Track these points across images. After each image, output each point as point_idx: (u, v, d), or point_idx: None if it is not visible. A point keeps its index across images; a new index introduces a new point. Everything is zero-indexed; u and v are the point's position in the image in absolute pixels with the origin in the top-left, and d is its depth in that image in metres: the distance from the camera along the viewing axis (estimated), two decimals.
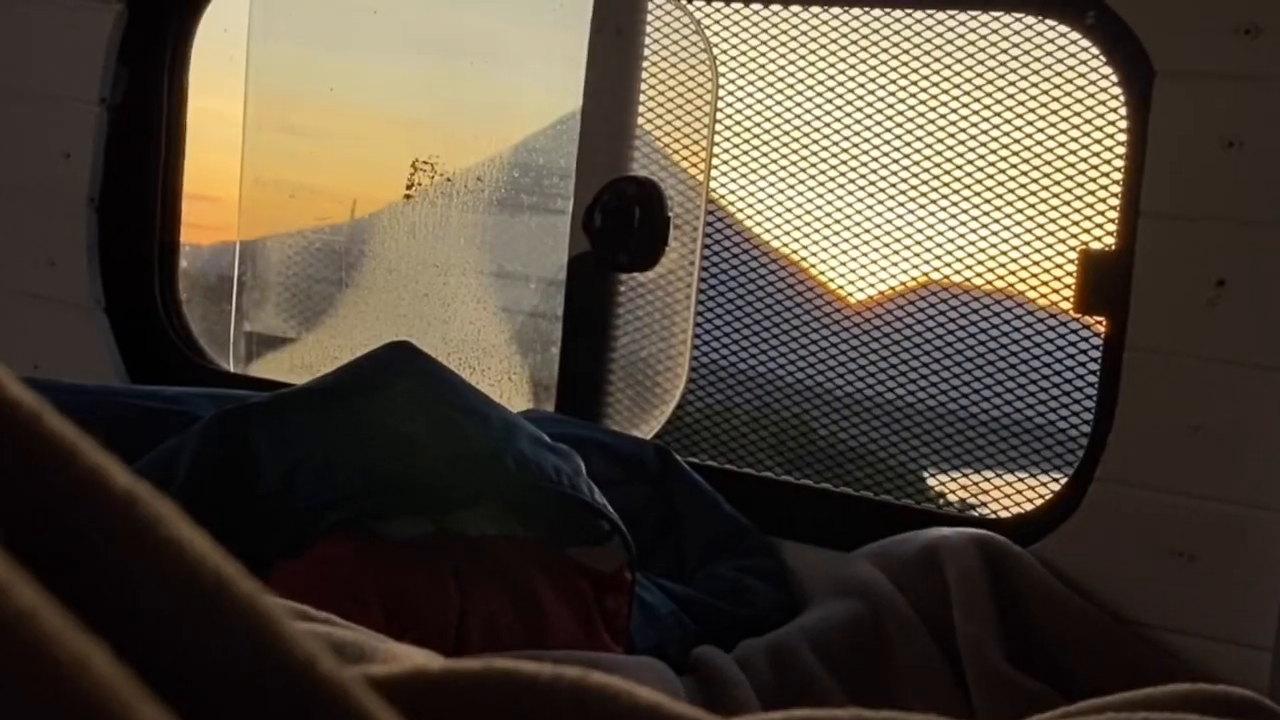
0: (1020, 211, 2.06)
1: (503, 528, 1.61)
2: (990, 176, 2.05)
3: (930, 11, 2.03)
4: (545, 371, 2.30)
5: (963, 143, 2.07)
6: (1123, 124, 1.88)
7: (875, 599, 1.85)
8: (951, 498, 2.23)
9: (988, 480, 2.11)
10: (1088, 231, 1.96)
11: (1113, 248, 1.87)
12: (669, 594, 1.91)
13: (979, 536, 1.86)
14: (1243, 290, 1.76)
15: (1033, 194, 2.01)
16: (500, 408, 1.70)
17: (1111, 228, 1.89)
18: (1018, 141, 2.01)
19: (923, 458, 2.15)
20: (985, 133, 2.03)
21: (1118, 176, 1.88)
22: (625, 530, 1.68)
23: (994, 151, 2.04)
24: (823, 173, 2.15)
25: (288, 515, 1.51)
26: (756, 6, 2.14)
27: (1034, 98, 2.00)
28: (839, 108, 2.16)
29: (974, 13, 1.99)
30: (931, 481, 2.23)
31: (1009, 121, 2.02)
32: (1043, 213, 2.01)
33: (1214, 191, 1.77)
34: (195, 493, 1.52)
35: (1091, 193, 1.96)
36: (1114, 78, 1.88)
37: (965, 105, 2.05)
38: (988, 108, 2.04)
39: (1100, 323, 1.90)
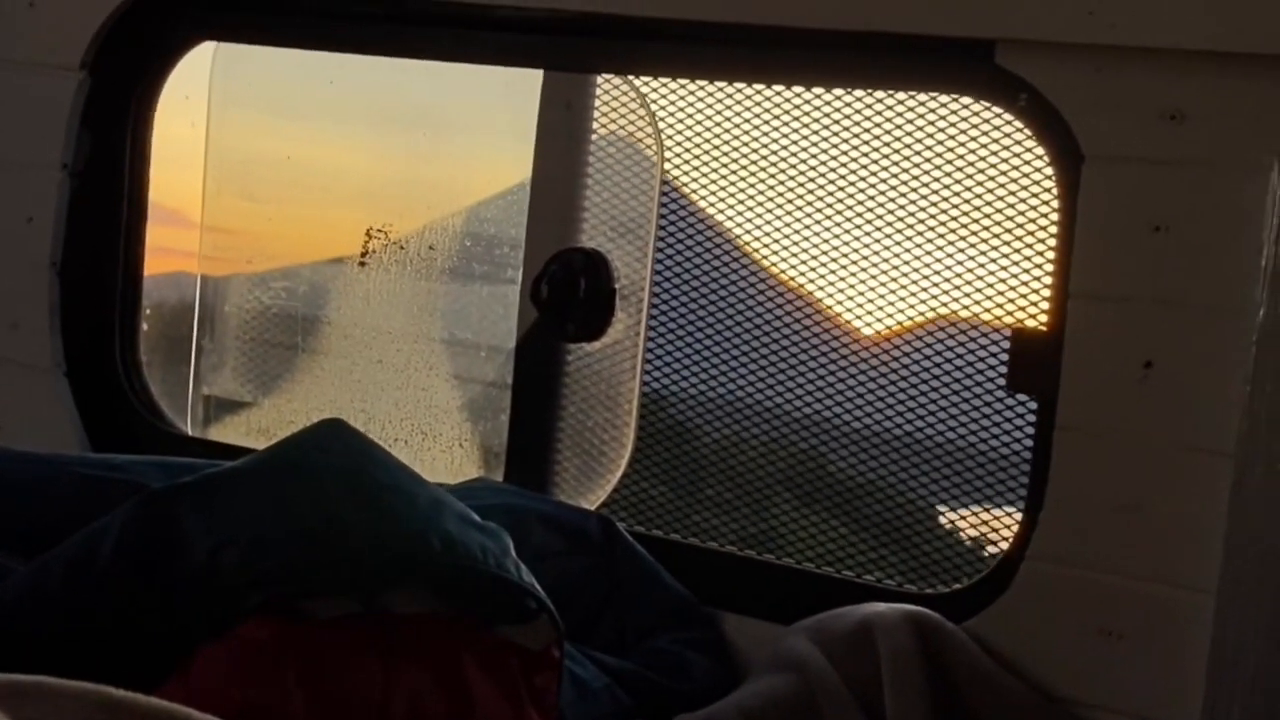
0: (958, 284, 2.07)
1: (429, 606, 1.61)
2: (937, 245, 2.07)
3: (870, 91, 2.04)
4: (496, 439, 2.31)
5: (908, 210, 2.09)
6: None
7: (810, 674, 1.85)
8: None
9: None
10: (1035, 305, 1.96)
11: (1045, 327, 1.88)
12: (605, 668, 1.91)
13: (913, 613, 1.86)
14: (1170, 371, 1.76)
15: (968, 270, 2.02)
16: (429, 486, 1.70)
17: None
18: (956, 208, 2.03)
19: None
20: (929, 205, 2.05)
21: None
22: (553, 608, 1.68)
23: (938, 221, 2.06)
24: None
25: (212, 596, 1.51)
26: (702, 83, 2.16)
27: (974, 175, 2.01)
28: (791, 177, 2.18)
29: (911, 93, 2.01)
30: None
31: (951, 195, 2.03)
32: (980, 289, 2.03)
33: (1142, 274, 1.77)
34: (119, 575, 1.52)
35: (1026, 270, 1.97)
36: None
37: (907, 183, 2.07)
38: (927, 185, 2.05)
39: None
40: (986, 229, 2.02)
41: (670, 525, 2.25)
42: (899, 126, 2.05)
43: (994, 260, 2.00)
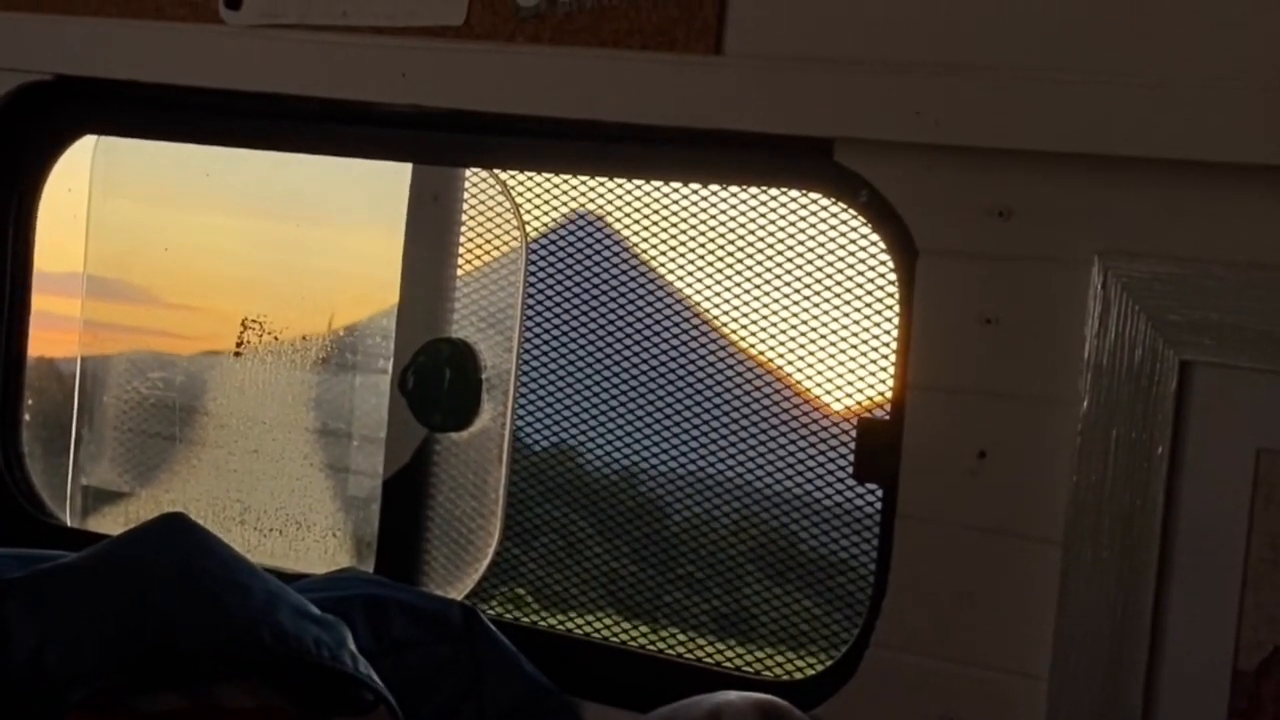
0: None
1: (260, 700, 1.63)
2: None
3: (722, 186, 2.11)
4: (368, 528, 2.34)
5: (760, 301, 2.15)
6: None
7: None
8: None
9: None
10: (872, 400, 2.01)
11: (887, 418, 1.93)
12: None
13: (762, 701, 1.89)
14: (1003, 461, 1.81)
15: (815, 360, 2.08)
16: (266, 579, 1.73)
17: None
18: (802, 307, 2.08)
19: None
20: (774, 299, 2.11)
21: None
22: (391, 699, 1.70)
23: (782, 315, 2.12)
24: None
25: (35, 694, 1.53)
26: (566, 176, 2.22)
27: (821, 269, 2.07)
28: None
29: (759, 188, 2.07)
30: None
31: (797, 289, 2.09)
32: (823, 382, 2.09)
33: (973, 366, 1.82)
34: None
35: (874, 361, 2.02)
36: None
37: (760, 276, 2.13)
38: (779, 277, 2.11)
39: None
40: (837, 320, 2.08)
41: (544, 609, 2.28)
42: (752, 219, 2.12)
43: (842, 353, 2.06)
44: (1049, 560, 1.76)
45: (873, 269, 2.02)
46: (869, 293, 2.03)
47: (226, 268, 2.48)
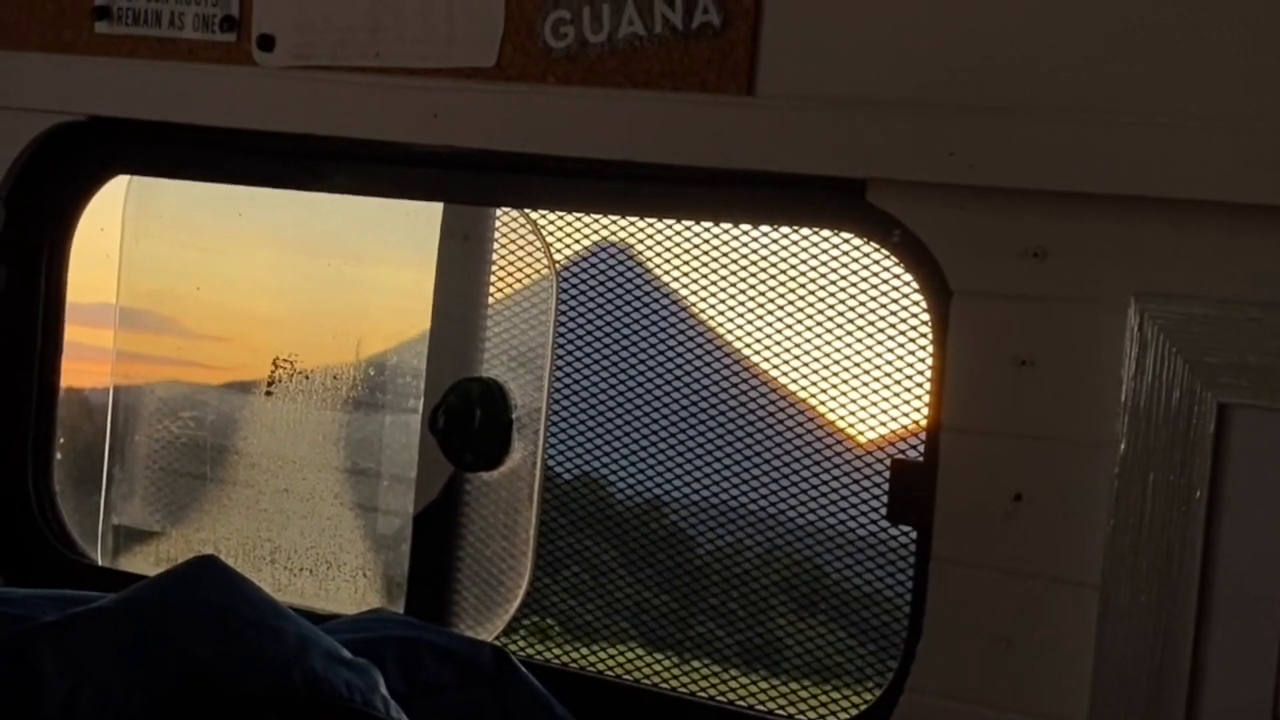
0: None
1: None
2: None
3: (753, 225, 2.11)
4: (398, 568, 2.34)
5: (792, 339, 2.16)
6: None
7: None
8: None
9: None
10: (904, 441, 2.01)
11: (921, 459, 1.93)
12: None
13: None
14: (1039, 504, 1.80)
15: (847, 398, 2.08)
16: (298, 622, 1.73)
17: None
18: (832, 344, 2.09)
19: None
20: (805, 336, 2.12)
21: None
22: None
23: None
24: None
25: None
26: (597, 216, 2.23)
27: (853, 307, 2.07)
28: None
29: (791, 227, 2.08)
30: None
31: (829, 327, 2.10)
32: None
33: (1008, 408, 1.82)
34: None
35: (907, 402, 2.02)
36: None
37: (792, 314, 2.13)
38: (811, 315, 2.11)
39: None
40: (871, 360, 2.09)
41: (571, 651, 2.28)
42: (784, 257, 2.12)
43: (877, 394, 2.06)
44: (1086, 604, 1.75)
45: (905, 309, 2.02)
46: (901, 332, 2.03)
47: (258, 307, 2.49)
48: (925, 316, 1.93)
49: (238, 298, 2.52)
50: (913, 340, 2.01)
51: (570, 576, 2.42)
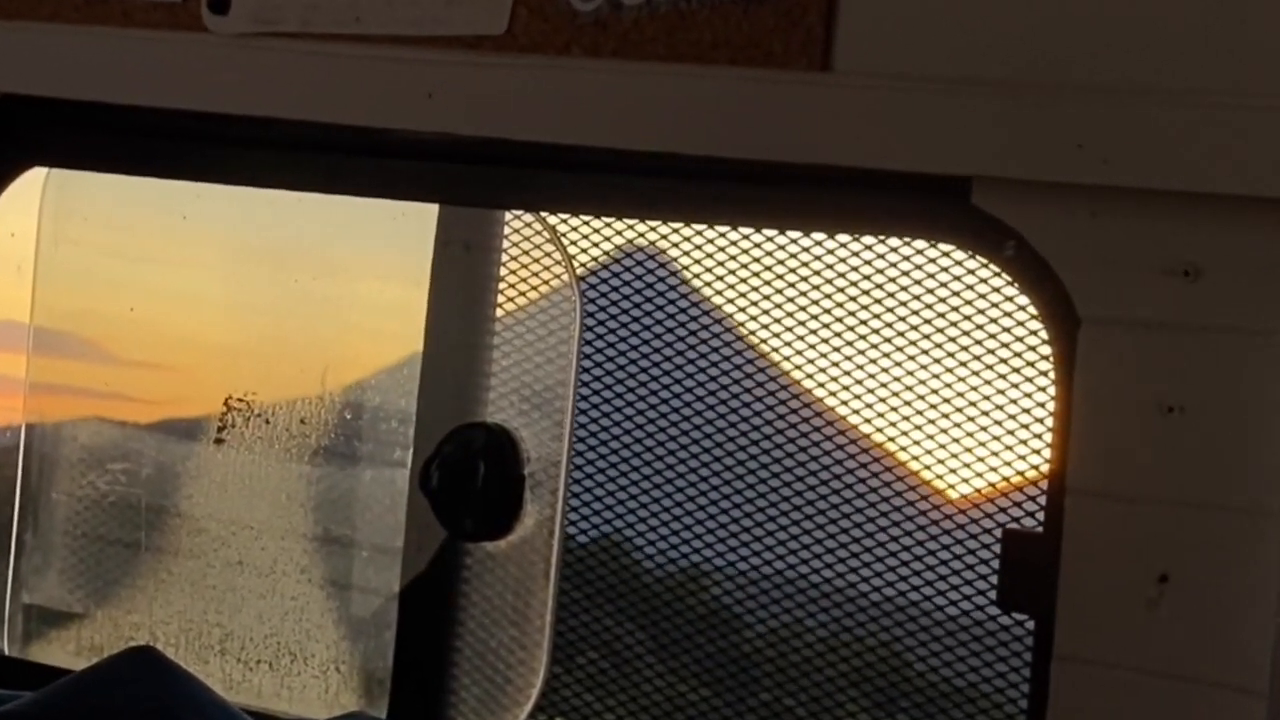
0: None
1: None
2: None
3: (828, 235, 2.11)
4: (379, 662, 2.34)
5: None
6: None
7: None
8: None
9: None
10: (1019, 507, 2.00)
11: (1040, 529, 1.91)
12: None
13: None
14: (1190, 588, 1.78)
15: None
16: None
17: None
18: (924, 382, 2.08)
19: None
20: (890, 372, 2.11)
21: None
22: None
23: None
24: None
25: None
26: (631, 221, 2.23)
27: (953, 337, 2.06)
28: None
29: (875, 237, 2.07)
30: None
31: (921, 362, 2.09)
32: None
33: (1152, 466, 1.80)
34: None
35: (1022, 457, 2.01)
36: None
37: (874, 343, 2.13)
38: (898, 347, 2.10)
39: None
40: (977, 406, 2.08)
41: None
42: (866, 274, 2.12)
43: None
44: (1248, 715, 1.73)
45: (1020, 340, 2.01)
46: (1015, 370, 2.02)
47: (207, 331, 2.50)
48: (1046, 350, 1.91)
49: (181, 319, 2.53)
50: (1029, 380, 2.00)
51: (592, 667, 2.41)
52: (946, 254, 2.05)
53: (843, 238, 2.11)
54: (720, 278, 2.22)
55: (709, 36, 1.96)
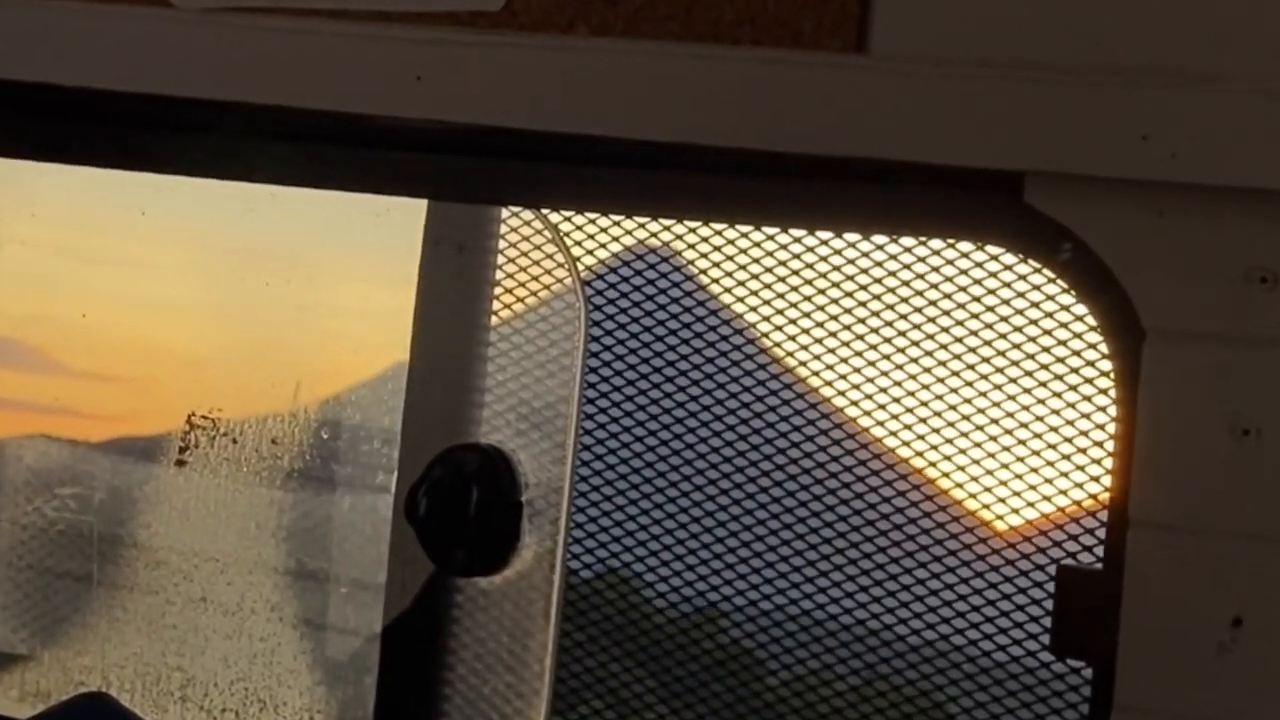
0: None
1: None
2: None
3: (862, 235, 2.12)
4: (358, 711, 2.34)
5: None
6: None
7: None
8: None
9: None
10: (1075, 540, 2.01)
11: (1099, 566, 1.92)
12: None
13: None
14: (1267, 633, 1.79)
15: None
16: None
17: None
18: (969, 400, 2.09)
19: None
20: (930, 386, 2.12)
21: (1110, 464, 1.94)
22: None
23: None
24: None
25: None
26: (643, 220, 2.24)
27: (1002, 350, 2.08)
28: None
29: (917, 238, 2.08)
30: None
31: (966, 375, 2.10)
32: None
33: (1224, 494, 1.81)
34: None
35: (1078, 484, 2.02)
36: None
37: (912, 355, 2.14)
38: (940, 360, 2.11)
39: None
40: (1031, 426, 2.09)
41: None
42: (903, 278, 2.13)
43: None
44: None
45: (1076, 354, 2.01)
46: (1072, 387, 2.03)
47: (168, 340, 2.50)
48: (1105, 365, 1.92)
49: (140, 326, 2.54)
50: (1086, 398, 2.01)
51: (596, 717, 2.42)
52: (995, 258, 2.06)
53: (879, 239, 2.12)
54: (741, 283, 2.23)
55: (730, 14, 1.97)
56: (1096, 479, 1.97)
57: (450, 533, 2.24)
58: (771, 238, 2.18)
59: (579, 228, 2.28)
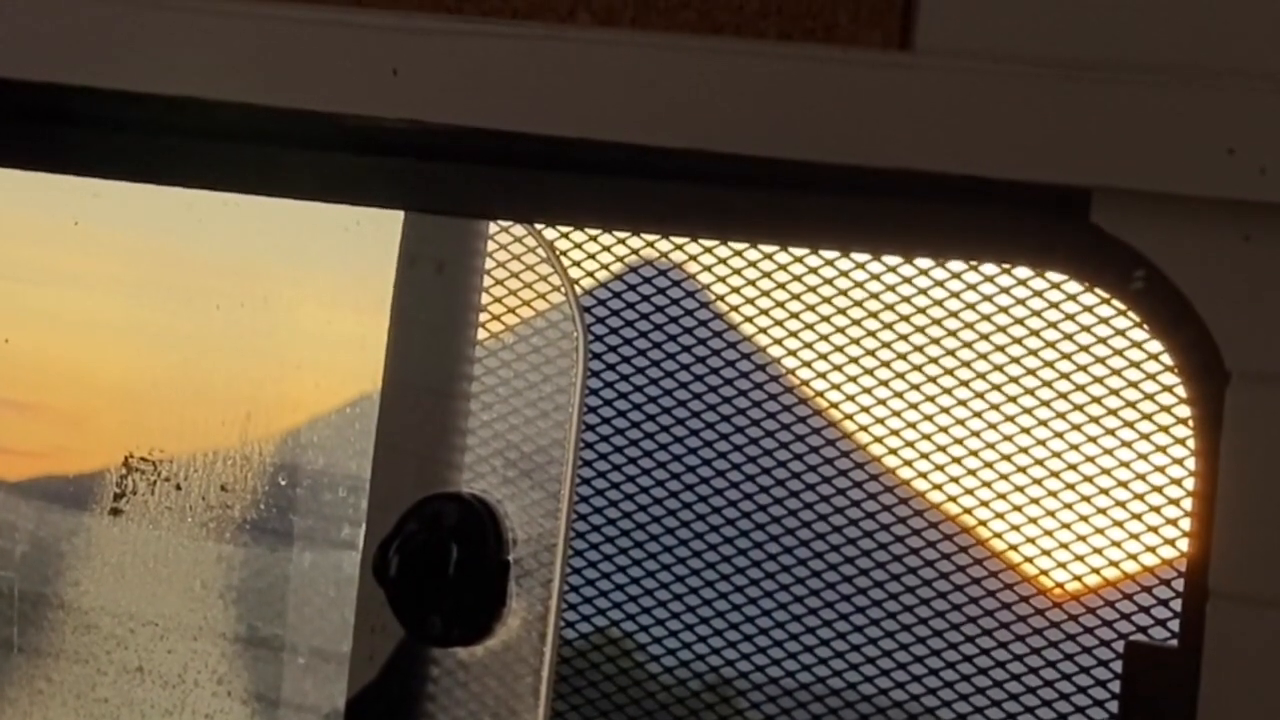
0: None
1: None
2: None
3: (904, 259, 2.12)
4: None
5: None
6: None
7: None
8: None
9: None
10: (1146, 612, 2.01)
11: (1175, 642, 1.92)
12: None
13: None
14: None
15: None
16: None
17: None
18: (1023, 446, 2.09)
19: None
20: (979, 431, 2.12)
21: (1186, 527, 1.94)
22: None
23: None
24: None
25: None
26: (650, 237, 2.24)
27: (1063, 391, 2.08)
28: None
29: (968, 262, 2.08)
30: None
31: (1021, 419, 2.10)
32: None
33: None
34: None
35: (1151, 548, 2.02)
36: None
37: (960, 399, 2.14)
38: (993, 404, 2.12)
39: None
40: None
41: None
42: (951, 307, 2.13)
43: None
44: None
45: (1149, 396, 2.02)
46: (1143, 435, 2.03)
47: (103, 370, 2.51)
48: (1183, 411, 1.92)
49: (70, 351, 2.54)
50: (1161, 449, 2.01)
51: None
52: (1057, 286, 2.06)
53: (923, 262, 2.12)
54: (764, 311, 2.24)
55: (755, 2, 1.97)
56: (1171, 542, 1.97)
57: (426, 596, 2.24)
58: (800, 259, 2.19)
59: (577, 245, 2.28)
